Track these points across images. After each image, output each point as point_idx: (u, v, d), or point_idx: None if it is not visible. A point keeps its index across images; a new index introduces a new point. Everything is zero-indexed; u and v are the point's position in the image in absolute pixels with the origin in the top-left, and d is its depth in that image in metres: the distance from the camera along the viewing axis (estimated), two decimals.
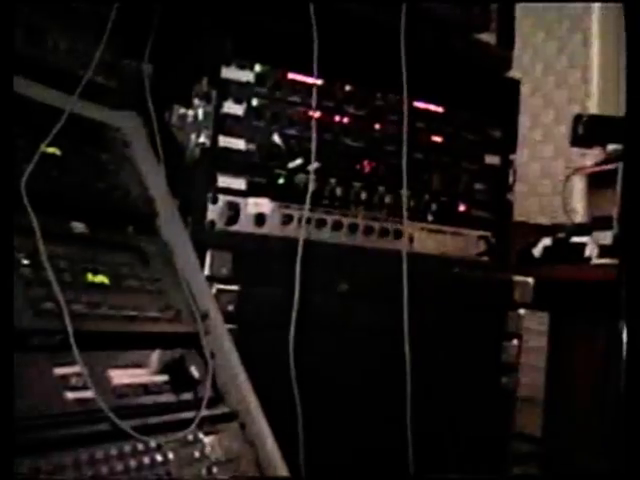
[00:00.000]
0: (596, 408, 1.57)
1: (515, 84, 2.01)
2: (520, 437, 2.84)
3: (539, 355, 2.98)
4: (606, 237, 2.44)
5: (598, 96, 3.38)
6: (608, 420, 1.48)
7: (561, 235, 2.55)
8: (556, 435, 2.81)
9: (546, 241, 2.55)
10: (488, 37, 1.97)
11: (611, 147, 2.62)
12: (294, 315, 1.57)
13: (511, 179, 1.97)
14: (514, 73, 2.00)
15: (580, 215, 2.92)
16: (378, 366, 1.72)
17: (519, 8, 2.02)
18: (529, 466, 2.77)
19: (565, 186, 2.57)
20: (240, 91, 1.66)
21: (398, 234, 1.79)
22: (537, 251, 2.57)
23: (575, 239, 2.49)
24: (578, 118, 2.79)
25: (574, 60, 3.57)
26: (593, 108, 3.39)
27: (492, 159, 1.94)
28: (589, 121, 2.72)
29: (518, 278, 1.91)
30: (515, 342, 1.87)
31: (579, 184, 2.93)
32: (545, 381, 2.93)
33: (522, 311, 1.88)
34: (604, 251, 2.41)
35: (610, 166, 2.68)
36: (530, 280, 1.92)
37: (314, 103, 1.69)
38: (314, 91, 1.69)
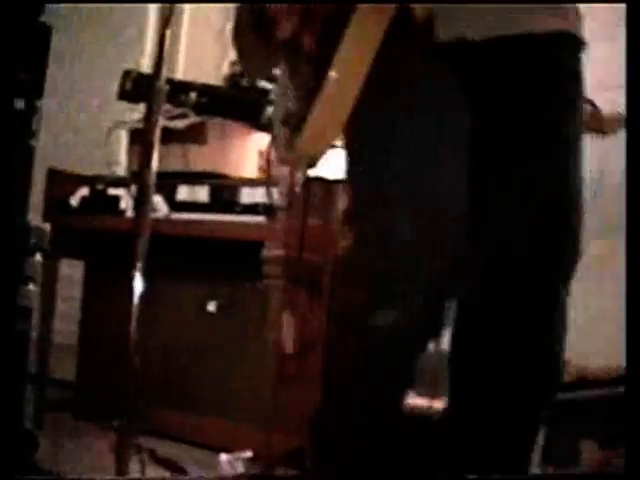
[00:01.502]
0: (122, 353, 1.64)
1: (47, 30, 1.96)
2: (55, 383, 2.84)
3: (75, 303, 3.00)
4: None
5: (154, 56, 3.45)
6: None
7: (100, 186, 2.60)
8: (89, 381, 2.87)
9: (83, 191, 2.58)
10: None
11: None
12: None
13: (35, 125, 1.91)
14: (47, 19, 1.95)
15: (123, 168, 2.99)
16: None
17: None
18: (64, 412, 2.79)
19: (108, 139, 2.61)
20: None
21: None
22: (75, 200, 2.59)
23: (112, 191, 2.56)
24: (127, 74, 2.86)
25: (130, 17, 3.62)
26: (147, 66, 3.46)
27: (18, 103, 1.89)
28: (137, 78, 2.81)
29: (36, 224, 1.88)
30: (32, 287, 1.85)
31: (124, 138, 2.99)
32: (79, 329, 2.97)
33: (39, 257, 1.86)
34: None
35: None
36: (47, 226, 1.91)
37: None
38: None
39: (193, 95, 2.54)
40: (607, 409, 2.23)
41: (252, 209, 2.35)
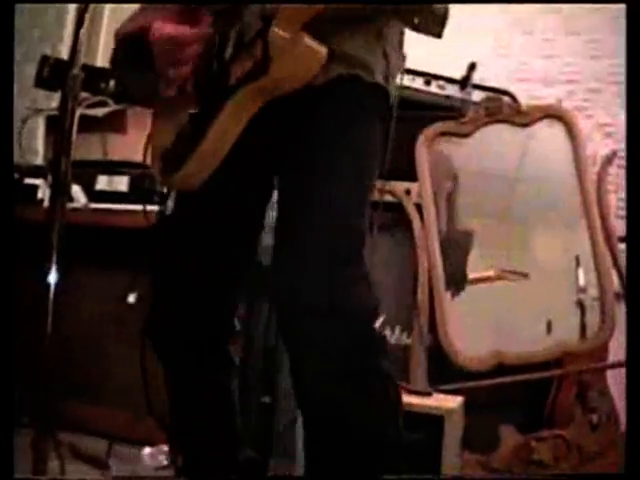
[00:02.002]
0: (36, 347, 1.60)
1: None
2: None
3: None
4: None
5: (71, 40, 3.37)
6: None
7: (15, 176, 2.52)
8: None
9: None
10: None
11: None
12: None
13: None
14: None
15: (40, 157, 2.92)
16: None
17: None
18: None
19: (23, 127, 2.54)
20: None
21: None
22: None
23: (29, 180, 2.49)
24: (44, 60, 2.78)
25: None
26: (65, 52, 3.38)
27: None
28: (54, 64, 2.73)
29: None
30: None
31: (41, 126, 2.92)
32: None
33: None
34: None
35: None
36: None
37: None
38: None
39: (112, 83, 2.49)
40: (524, 394, 2.29)
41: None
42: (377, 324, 1.32)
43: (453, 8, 1.32)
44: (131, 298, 2.50)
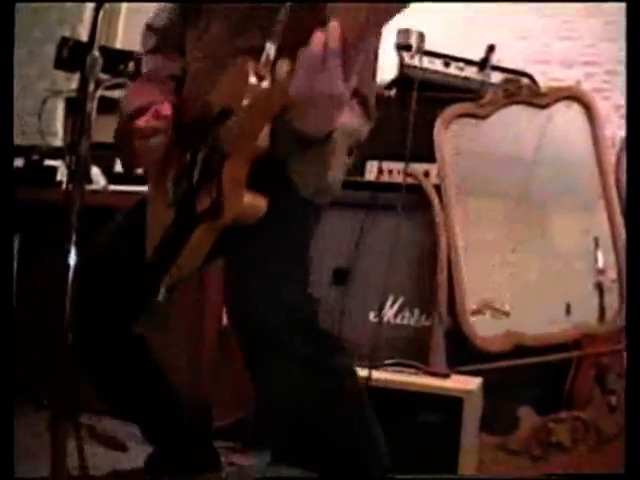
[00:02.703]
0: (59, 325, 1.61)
1: None
2: None
3: None
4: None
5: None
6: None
7: (35, 157, 2.53)
8: (22, 359, 2.82)
9: (18, 162, 2.51)
10: None
11: None
12: None
13: None
14: None
15: (59, 139, 2.93)
16: None
17: None
18: None
19: (43, 108, 2.54)
20: None
21: None
22: None
23: (49, 162, 2.50)
24: (64, 42, 2.78)
25: None
26: (85, 34, 3.38)
27: None
28: (74, 46, 2.74)
29: None
30: None
31: (60, 108, 2.93)
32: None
33: None
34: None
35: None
36: None
37: None
38: None
39: (132, 65, 2.49)
40: (543, 376, 2.29)
41: None
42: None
43: None
44: None
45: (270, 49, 1.35)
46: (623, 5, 2.87)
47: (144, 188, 2.38)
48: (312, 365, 1.34)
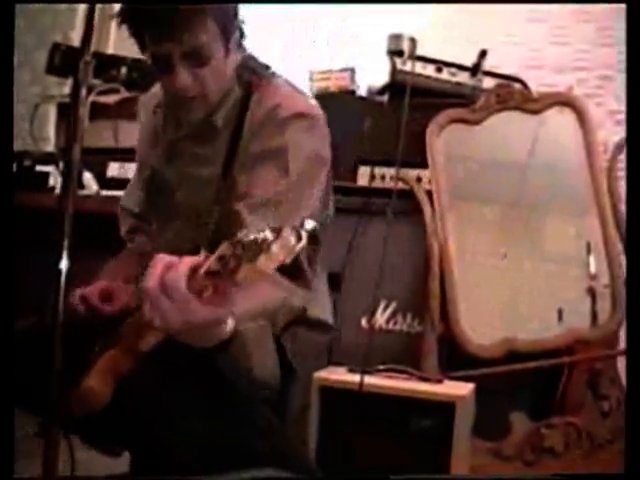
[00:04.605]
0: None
1: None
2: None
3: None
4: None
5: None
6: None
7: (27, 163, 2.53)
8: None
9: None
10: None
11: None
12: None
13: None
14: None
15: (51, 144, 2.92)
16: None
17: None
18: None
19: (35, 113, 2.54)
20: None
21: None
22: None
23: (41, 168, 2.50)
24: (56, 47, 2.78)
25: None
26: (76, 39, 3.38)
27: None
28: (66, 51, 2.74)
29: None
30: None
31: (52, 113, 2.92)
32: None
33: None
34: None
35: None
36: None
37: None
38: None
39: (124, 70, 2.49)
40: (535, 381, 2.29)
41: None
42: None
43: None
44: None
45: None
46: (616, 10, 2.89)
47: None
48: None
